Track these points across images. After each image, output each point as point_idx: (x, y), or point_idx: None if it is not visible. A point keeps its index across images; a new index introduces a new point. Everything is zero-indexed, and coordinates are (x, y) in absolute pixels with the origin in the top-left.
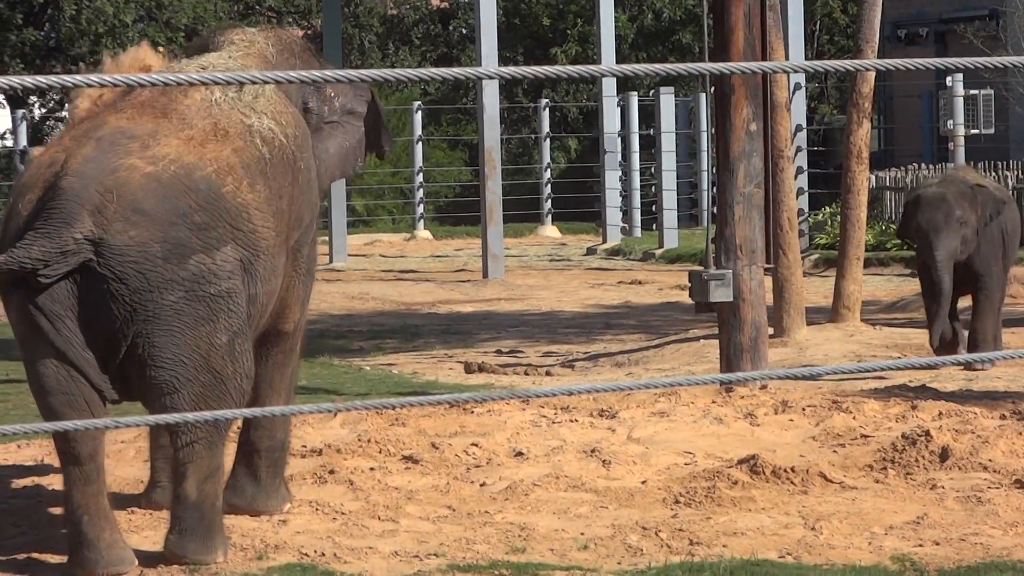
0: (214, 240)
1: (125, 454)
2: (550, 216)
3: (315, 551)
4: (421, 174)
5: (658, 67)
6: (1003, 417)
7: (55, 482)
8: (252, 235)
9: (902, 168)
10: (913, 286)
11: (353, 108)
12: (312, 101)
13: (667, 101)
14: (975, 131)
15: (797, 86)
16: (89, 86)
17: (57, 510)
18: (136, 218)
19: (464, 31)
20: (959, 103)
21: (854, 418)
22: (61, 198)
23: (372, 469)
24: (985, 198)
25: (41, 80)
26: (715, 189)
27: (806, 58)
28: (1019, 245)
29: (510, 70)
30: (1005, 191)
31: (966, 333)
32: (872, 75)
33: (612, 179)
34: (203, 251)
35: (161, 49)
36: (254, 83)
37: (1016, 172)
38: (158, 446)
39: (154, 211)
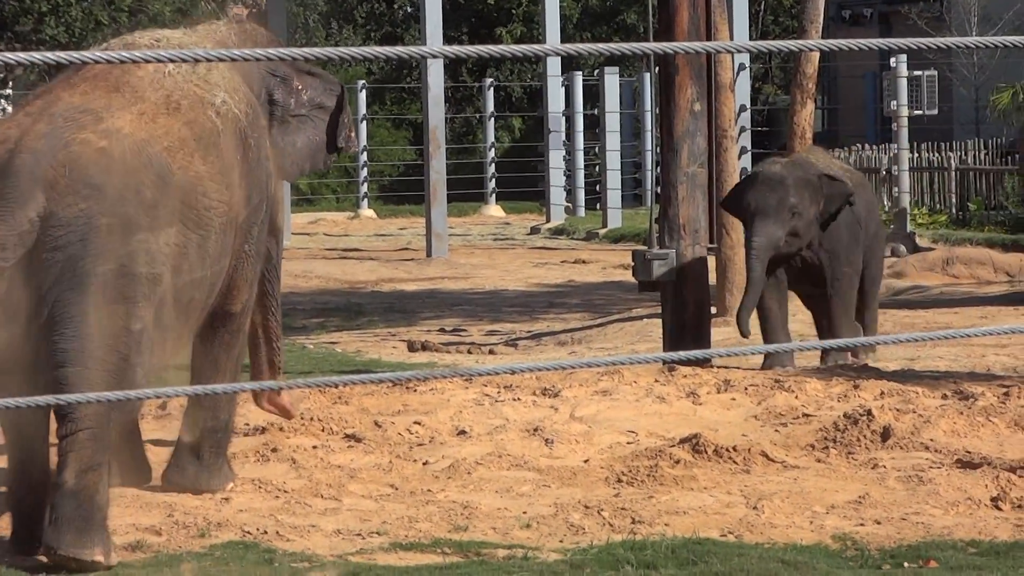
0: (162, 220)
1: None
2: (494, 195)
3: (258, 529)
4: (365, 153)
5: (602, 47)
6: (944, 397)
7: None
8: (205, 212)
9: (846, 148)
10: None
11: (322, 102)
12: (278, 92)
13: (611, 81)
14: (919, 112)
15: (741, 66)
16: (32, 63)
17: (1, 486)
18: (87, 192)
19: (408, 10)
20: (903, 84)
21: (796, 397)
22: (14, 177)
23: (315, 447)
24: (833, 192)
25: None
26: (659, 169)
27: (750, 38)
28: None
29: (454, 49)
30: (860, 176)
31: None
32: (816, 55)
33: (556, 159)
34: (148, 230)
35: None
36: (198, 60)
37: (959, 152)
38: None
39: (105, 185)
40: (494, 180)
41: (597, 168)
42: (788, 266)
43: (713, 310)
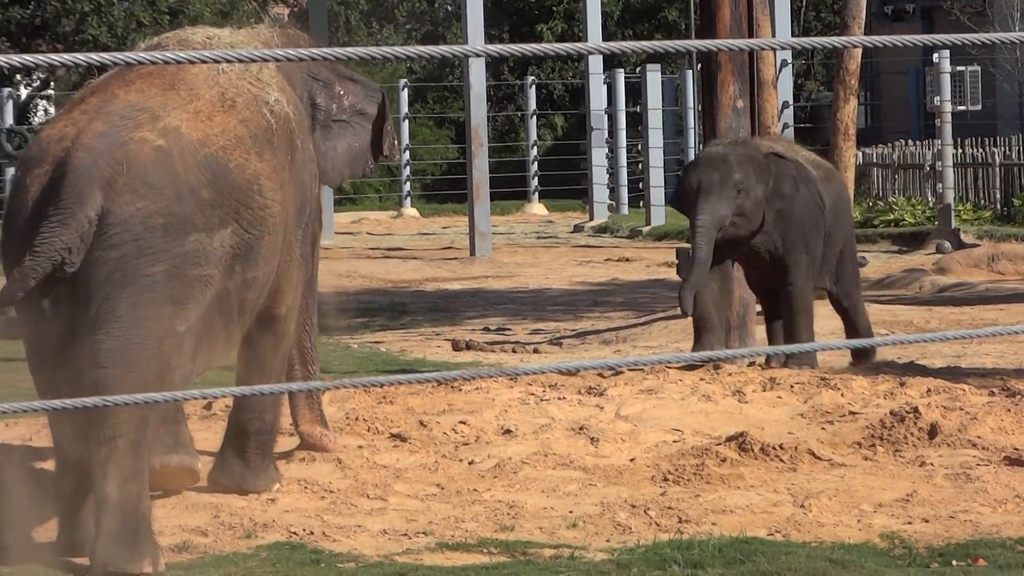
0: (217, 220)
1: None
2: (537, 194)
3: (304, 529)
4: (408, 152)
5: (645, 44)
6: (992, 394)
7: (45, 462)
8: (261, 212)
9: (889, 145)
10: (902, 262)
11: (363, 109)
12: (320, 97)
13: (654, 78)
14: (962, 107)
15: (784, 63)
16: (76, 64)
17: (48, 489)
18: (144, 190)
19: (450, 8)
20: (946, 79)
21: (842, 395)
22: (72, 175)
23: (360, 447)
24: (781, 171)
25: (28, 58)
26: None
27: (793, 35)
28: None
29: (496, 48)
30: (827, 167)
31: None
32: (859, 52)
33: (599, 156)
34: (204, 230)
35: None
36: (241, 60)
37: (1003, 148)
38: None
39: (163, 184)
40: (537, 178)
41: (640, 166)
42: (740, 259)
43: (757, 308)
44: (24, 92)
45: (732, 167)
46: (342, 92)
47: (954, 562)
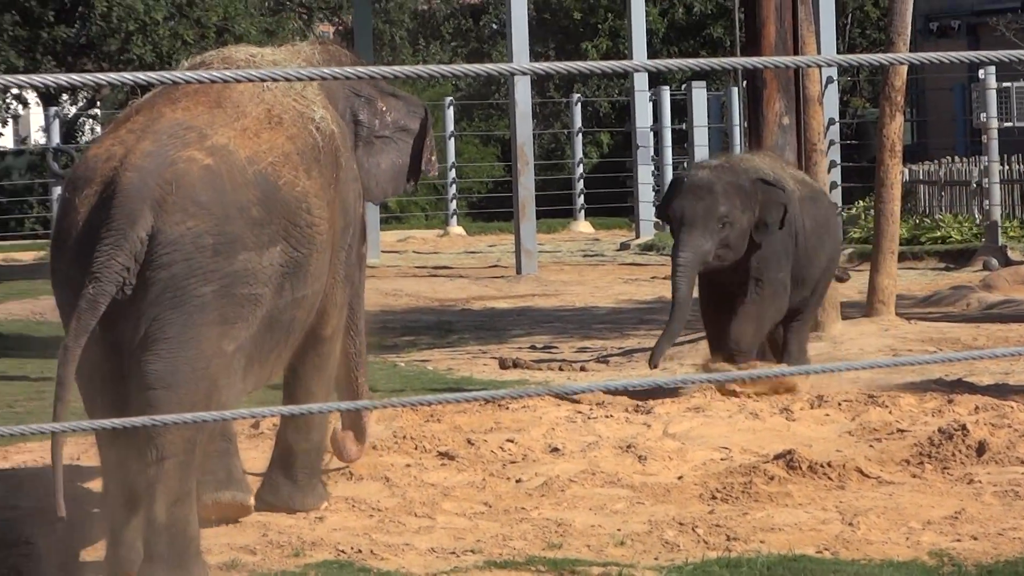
0: (267, 238)
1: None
2: (583, 211)
3: (352, 548)
4: (454, 170)
5: (690, 61)
6: None
7: (92, 481)
8: (309, 229)
9: (936, 161)
10: (948, 280)
11: (406, 125)
12: (363, 113)
13: (699, 95)
14: (1008, 124)
15: (829, 79)
16: (121, 83)
17: (95, 509)
18: (194, 209)
19: (495, 26)
20: (992, 96)
21: (890, 412)
22: (122, 195)
23: (408, 466)
24: (769, 198)
25: (74, 78)
26: None
27: (838, 51)
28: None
29: (542, 66)
30: (814, 187)
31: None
32: (904, 68)
33: (645, 174)
34: (254, 249)
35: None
36: (288, 79)
37: None
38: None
39: (212, 204)
40: (583, 196)
41: None
42: (725, 280)
43: None
44: (70, 111)
45: (718, 198)
46: (384, 108)
47: None
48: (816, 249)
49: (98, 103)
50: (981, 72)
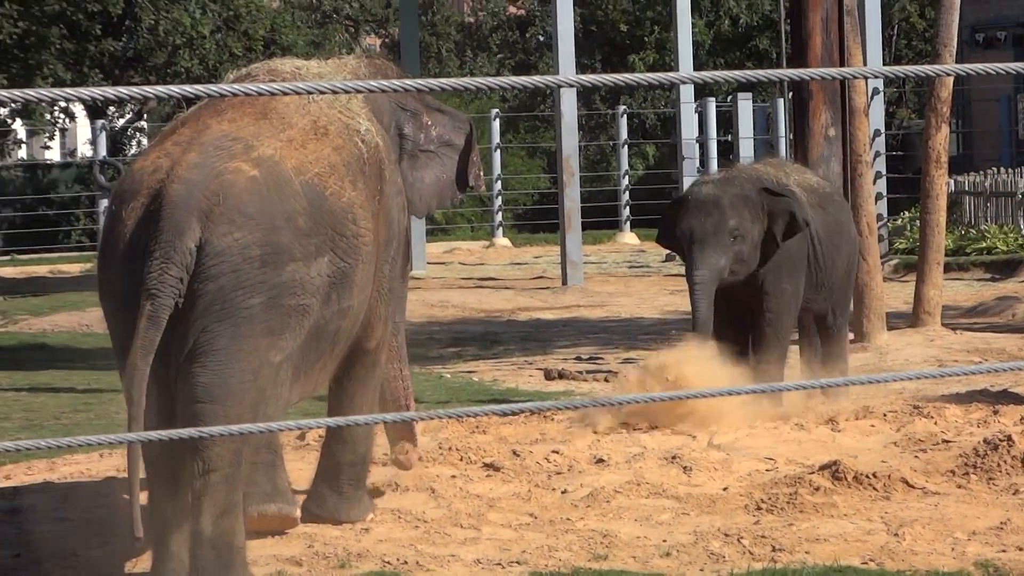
0: (314, 249)
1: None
2: (628, 223)
3: (398, 559)
4: (499, 182)
5: (736, 73)
6: None
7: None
8: (355, 240)
9: (981, 172)
10: (994, 290)
11: (451, 140)
12: (408, 127)
13: (745, 107)
14: None
15: (875, 91)
16: (168, 96)
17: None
18: (241, 221)
19: (541, 38)
20: None
21: (936, 423)
22: (169, 207)
23: (453, 477)
24: (776, 207)
25: (122, 91)
26: None
27: (884, 63)
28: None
29: (588, 78)
30: (825, 192)
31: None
32: (950, 80)
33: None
34: (302, 259)
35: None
36: (335, 92)
37: None
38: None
39: (259, 214)
40: (628, 207)
41: None
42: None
43: (851, 336)
44: (117, 123)
45: (726, 213)
46: (430, 122)
47: None
48: (833, 254)
49: (145, 116)
50: None
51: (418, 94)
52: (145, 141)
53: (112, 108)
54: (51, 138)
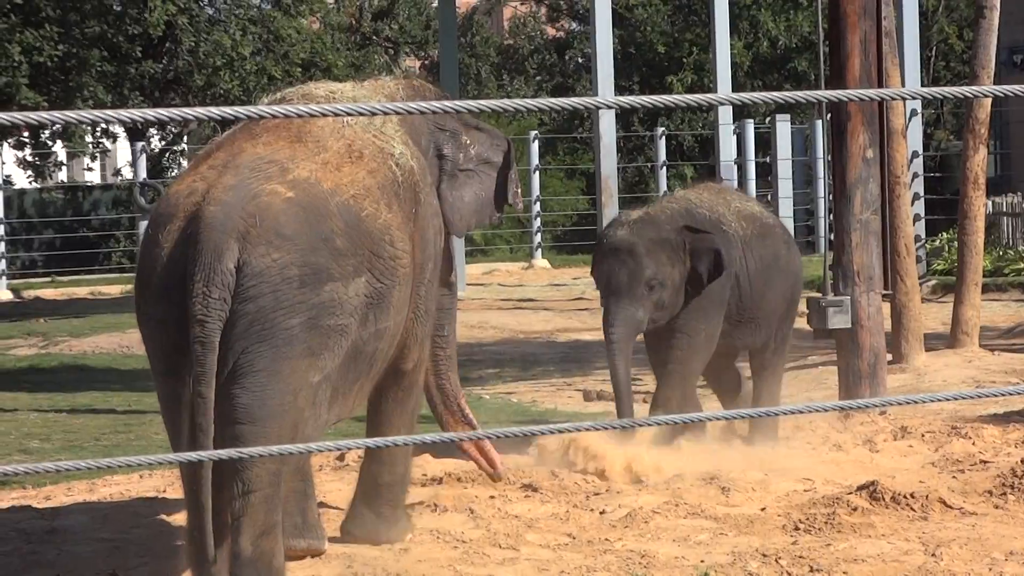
0: (351, 269)
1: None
2: None
3: None
4: (538, 203)
5: (774, 95)
6: None
7: (177, 513)
8: (392, 262)
9: (1019, 193)
10: None
11: (489, 158)
12: (447, 148)
13: (783, 128)
14: None
15: (913, 112)
16: (210, 119)
17: (180, 541)
18: (279, 242)
19: (580, 60)
20: None
21: (973, 444)
22: (207, 229)
23: (492, 497)
24: (700, 246)
25: (162, 113)
26: (832, 216)
27: (922, 84)
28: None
29: (626, 99)
30: (766, 222)
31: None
32: (988, 101)
33: None
34: (340, 279)
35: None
36: (375, 114)
37: None
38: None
39: (296, 236)
40: None
41: None
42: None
43: (888, 357)
44: (157, 146)
45: (642, 261)
46: (468, 141)
47: None
48: (762, 287)
49: (185, 138)
50: None
51: (456, 114)
52: (185, 163)
53: (152, 130)
54: (91, 159)
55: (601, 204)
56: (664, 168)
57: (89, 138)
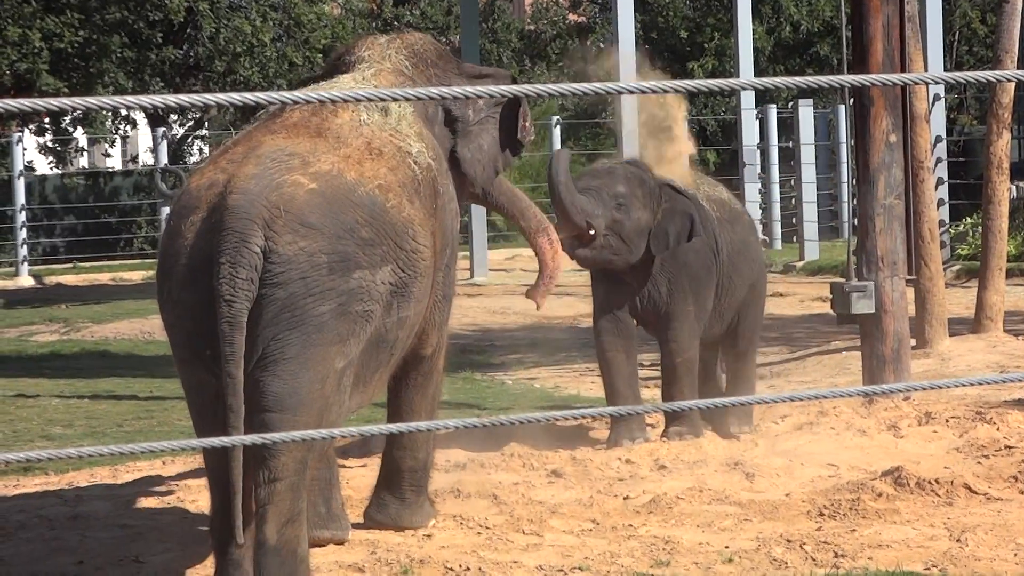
0: (378, 258)
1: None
2: None
3: (460, 565)
4: None
5: (797, 80)
6: None
7: (200, 499)
8: (414, 255)
9: None
10: None
11: (498, 100)
12: (455, 109)
13: (806, 113)
14: None
15: (936, 97)
16: (230, 104)
17: (203, 527)
18: (304, 231)
19: (602, 46)
20: None
21: (998, 429)
22: (231, 216)
23: (516, 483)
24: (674, 206)
25: (183, 98)
26: (855, 201)
27: (945, 69)
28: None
29: (649, 84)
30: (734, 208)
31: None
32: (1012, 85)
33: (751, 192)
34: (368, 267)
35: None
36: (395, 99)
37: None
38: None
39: (322, 225)
40: None
41: (793, 201)
42: (630, 304)
43: (912, 342)
44: (178, 131)
45: (617, 179)
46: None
47: None
48: (733, 276)
49: (205, 124)
50: None
51: (458, 68)
52: (206, 149)
53: (173, 116)
54: (112, 145)
55: None
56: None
57: (109, 124)
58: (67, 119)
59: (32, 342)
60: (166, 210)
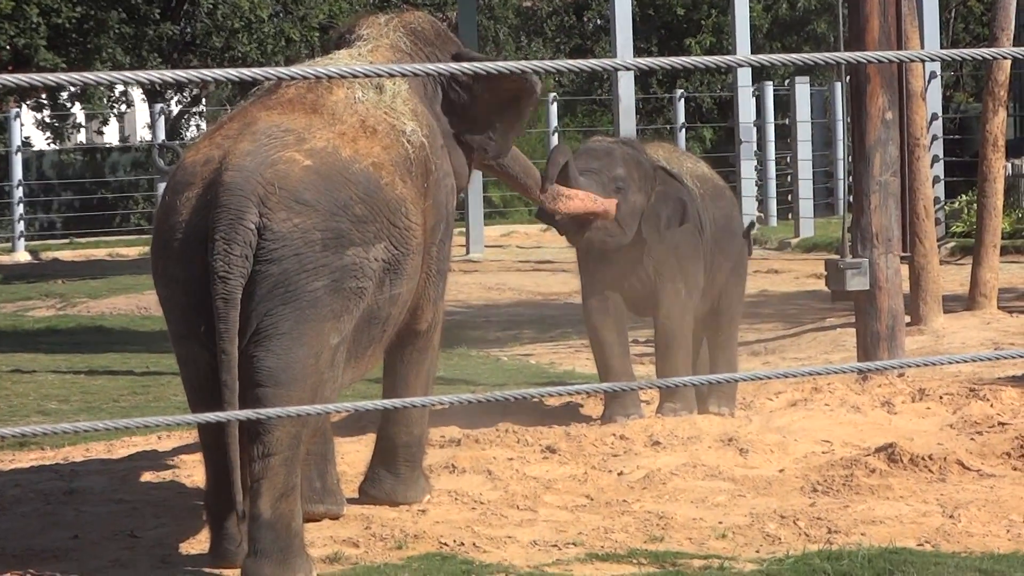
0: (371, 235)
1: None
2: None
3: (454, 540)
4: None
5: (793, 57)
6: None
7: (195, 474)
8: (406, 232)
9: None
10: None
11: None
12: (452, 92)
13: (802, 90)
14: None
15: (932, 75)
16: (227, 80)
17: (198, 502)
18: (299, 207)
19: (598, 22)
20: None
21: (992, 406)
22: (226, 193)
23: (510, 459)
24: (668, 191)
25: (180, 74)
26: (851, 178)
27: (941, 47)
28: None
29: (645, 61)
30: (716, 184)
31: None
32: (1008, 63)
33: (747, 169)
34: (361, 244)
35: None
36: (393, 75)
37: None
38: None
39: (316, 202)
40: None
41: (788, 178)
42: (619, 284)
43: (907, 319)
44: (175, 108)
45: (616, 161)
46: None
47: None
48: (716, 252)
49: (203, 100)
50: None
51: (452, 49)
52: (203, 125)
53: (170, 92)
54: (104, 122)
55: None
56: (683, 130)
57: (107, 100)
58: (64, 95)
59: (28, 317)
60: (163, 186)
